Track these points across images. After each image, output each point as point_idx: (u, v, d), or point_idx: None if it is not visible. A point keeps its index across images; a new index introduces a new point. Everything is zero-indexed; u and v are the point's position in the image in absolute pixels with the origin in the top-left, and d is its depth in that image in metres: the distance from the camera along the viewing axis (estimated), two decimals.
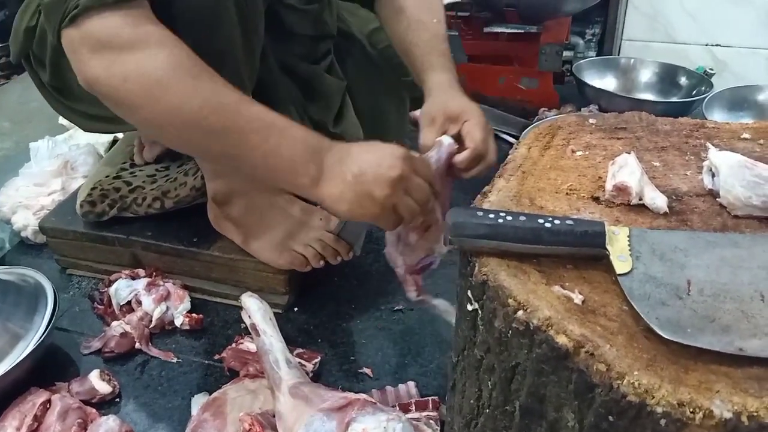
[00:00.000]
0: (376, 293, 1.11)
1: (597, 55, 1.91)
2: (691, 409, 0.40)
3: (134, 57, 0.71)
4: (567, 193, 0.60)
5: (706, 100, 1.49)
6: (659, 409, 0.40)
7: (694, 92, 1.59)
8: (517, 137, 1.53)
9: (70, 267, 1.18)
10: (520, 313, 0.47)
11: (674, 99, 1.62)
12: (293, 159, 0.75)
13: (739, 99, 1.54)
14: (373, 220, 0.78)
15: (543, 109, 1.63)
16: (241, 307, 0.92)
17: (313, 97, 1.16)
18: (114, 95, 0.74)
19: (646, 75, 1.71)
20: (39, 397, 0.87)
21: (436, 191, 0.80)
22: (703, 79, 1.62)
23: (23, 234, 1.24)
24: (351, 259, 1.05)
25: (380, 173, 0.74)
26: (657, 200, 0.56)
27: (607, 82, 1.70)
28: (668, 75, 1.68)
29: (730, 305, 0.45)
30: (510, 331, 0.49)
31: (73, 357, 1.00)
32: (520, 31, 1.65)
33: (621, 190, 0.57)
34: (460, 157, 0.87)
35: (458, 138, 0.88)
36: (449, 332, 0.78)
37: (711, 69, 1.73)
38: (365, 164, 0.75)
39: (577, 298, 0.48)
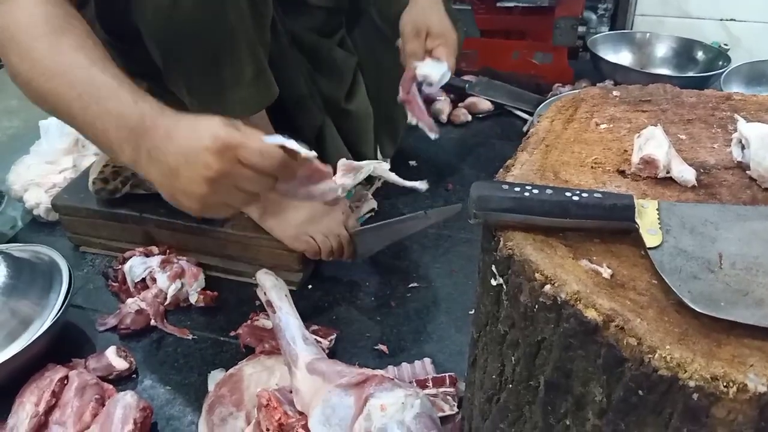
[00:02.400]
0: (390, 271, 1.10)
1: (609, 30, 1.88)
2: (725, 383, 0.39)
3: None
4: (592, 167, 0.58)
5: (723, 74, 1.47)
6: (691, 383, 0.39)
7: (712, 67, 1.57)
8: (531, 113, 1.52)
9: (83, 245, 1.18)
10: (547, 287, 0.46)
11: (691, 74, 1.59)
12: (107, 135, 0.69)
13: (758, 73, 1.51)
14: (196, 214, 0.70)
15: (557, 84, 1.61)
16: (255, 285, 0.92)
17: (324, 72, 1.15)
18: None
19: (662, 50, 1.68)
20: (56, 373, 0.87)
21: (274, 173, 0.68)
22: (720, 53, 1.59)
23: (35, 212, 1.24)
24: (353, 263, 1.06)
25: (195, 171, 0.65)
26: (685, 173, 0.55)
27: (622, 56, 1.67)
28: (685, 49, 1.66)
29: (763, 279, 0.44)
30: (536, 306, 0.48)
31: (89, 334, 1.00)
32: (533, 4, 1.62)
33: (648, 163, 0.56)
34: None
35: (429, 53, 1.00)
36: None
37: (725, 44, 1.70)
38: (180, 160, 0.66)
39: (606, 272, 0.47)
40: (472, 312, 1.00)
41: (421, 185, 0.76)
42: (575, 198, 0.49)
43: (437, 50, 1.00)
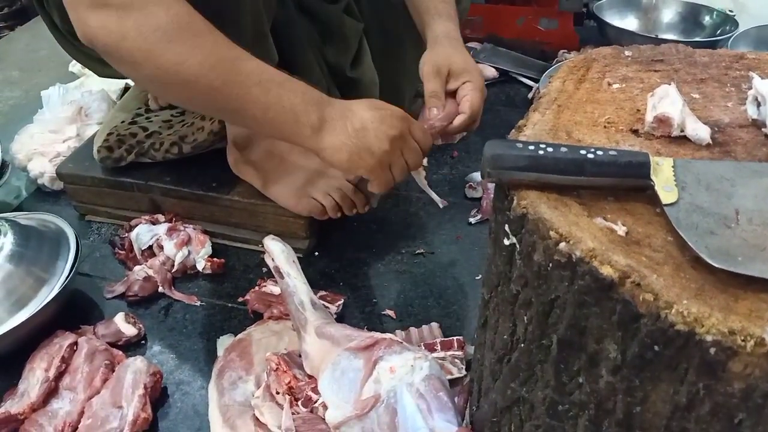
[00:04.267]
0: (397, 237, 1.10)
1: None
2: (742, 338, 0.39)
3: (132, 16, 0.70)
4: (605, 126, 0.58)
5: (731, 39, 1.45)
6: (709, 338, 0.39)
7: (719, 32, 1.55)
8: (536, 80, 1.50)
9: (89, 213, 1.18)
10: (562, 245, 0.46)
11: (698, 38, 1.57)
12: (294, 109, 0.77)
13: (766, 38, 1.49)
14: (368, 173, 0.83)
15: (562, 51, 1.59)
16: (261, 252, 0.92)
17: (330, 39, 1.13)
18: (113, 53, 0.74)
19: (668, 15, 1.66)
20: (65, 339, 0.87)
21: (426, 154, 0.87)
22: (727, 17, 1.57)
23: (40, 181, 1.23)
24: (366, 213, 1.04)
25: (381, 130, 0.79)
26: (699, 131, 0.54)
27: (628, 22, 1.65)
28: (691, 14, 1.63)
29: None
30: (550, 264, 0.48)
31: (97, 301, 1.00)
32: None
33: (662, 121, 0.55)
34: (456, 122, 0.90)
35: (452, 95, 0.93)
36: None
37: (731, 10, 1.68)
38: (367, 120, 0.79)
39: (621, 230, 0.47)
40: (479, 277, 1.00)
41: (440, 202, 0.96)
42: (590, 156, 0.49)
43: (464, 87, 0.92)
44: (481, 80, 0.94)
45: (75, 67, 1.63)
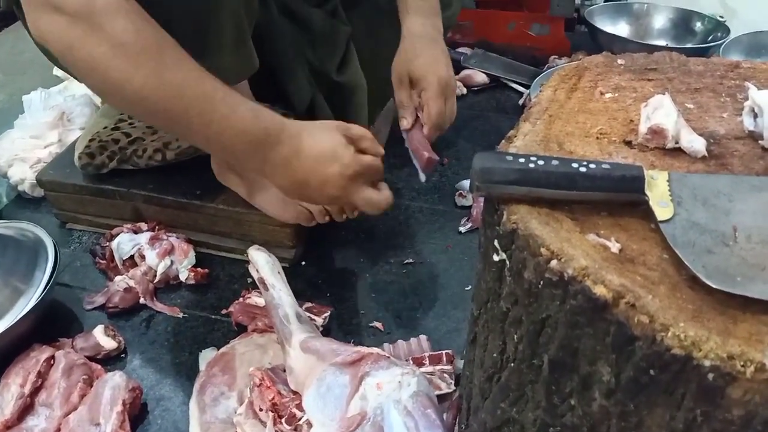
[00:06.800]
0: (385, 247, 1.08)
1: (606, 1, 1.84)
2: (742, 363, 0.37)
3: (80, 26, 0.67)
4: (597, 137, 0.56)
5: (723, 45, 1.44)
6: (707, 363, 0.38)
7: (710, 38, 1.54)
8: (527, 86, 1.49)
9: (70, 221, 1.15)
10: (553, 262, 0.44)
11: (689, 45, 1.56)
12: (235, 149, 0.76)
13: (758, 44, 1.48)
14: (317, 215, 0.90)
15: (554, 56, 1.57)
16: (247, 261, 0.90)
17: (316, 43, 1.11)
18: (62, 58, 0.72)
19: (660, 21, 1.64)
20: (42, 353, 0.85)
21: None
22: (719, 24, 1.56)
23: (20, 188, 1.20)
24: (356, 218, 1.02)
25: (324, 189, 0.78)
26: (695, 143, 0.52)
27: (619, 28, 1.64)
28: (683, 20, 1.62)
29: None
30: (541, 282, 0.46)
31: (76, 313, 0.98)
32: None
33: (656, 132, 0.53)
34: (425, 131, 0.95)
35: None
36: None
37: (721, 16, 1.67)
38: (310, 174, 0.78)
39: (614, 247, 0.45)
40: (469, 288, 0.98)
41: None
42: (582, 169, 0.47)
43: (422, 96, 0.94)
44: (439, 85, 0.94)
45: (59, 70, 1.60)
